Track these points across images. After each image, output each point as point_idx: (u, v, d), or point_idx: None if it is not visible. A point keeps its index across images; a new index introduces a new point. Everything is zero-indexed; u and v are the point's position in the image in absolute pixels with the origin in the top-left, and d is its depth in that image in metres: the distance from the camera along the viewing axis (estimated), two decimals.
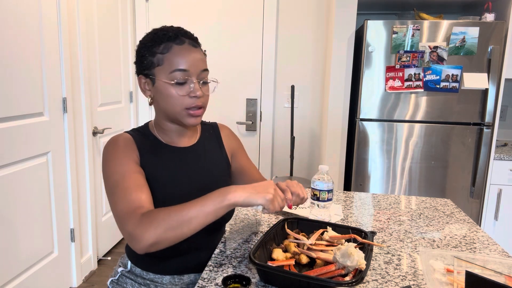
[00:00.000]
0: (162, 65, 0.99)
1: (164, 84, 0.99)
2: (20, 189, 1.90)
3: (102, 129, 2.58)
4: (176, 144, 1.11)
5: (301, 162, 3.11)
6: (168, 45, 0.99)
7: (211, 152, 1.17)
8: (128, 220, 0.88)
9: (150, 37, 1.02)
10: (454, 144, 2.46)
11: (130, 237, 0.87)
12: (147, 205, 0.92)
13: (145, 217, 0.87)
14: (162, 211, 0.88)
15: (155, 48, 1.00)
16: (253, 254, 0.93)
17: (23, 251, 1.94)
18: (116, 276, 1.16)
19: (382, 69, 2.42)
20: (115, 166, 0.97)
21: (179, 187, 1.06)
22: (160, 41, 1.00)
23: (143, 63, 1.03)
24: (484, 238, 1.23)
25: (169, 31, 1.01)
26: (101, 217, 2.71)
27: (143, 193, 0.94)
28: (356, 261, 0.89)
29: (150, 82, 1.03)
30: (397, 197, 1.63)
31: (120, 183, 0.94)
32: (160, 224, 0.85)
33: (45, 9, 2.02)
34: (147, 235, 0.85)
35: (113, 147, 1.02)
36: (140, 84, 1.06)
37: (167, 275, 1.11)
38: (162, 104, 1.03)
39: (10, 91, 1.81)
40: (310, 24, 2.94)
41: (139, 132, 1.09)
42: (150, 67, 1.01)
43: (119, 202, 0.92)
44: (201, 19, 3.00)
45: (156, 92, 1.02)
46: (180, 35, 1.01)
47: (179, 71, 0.98)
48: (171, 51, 0.99)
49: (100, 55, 2.59)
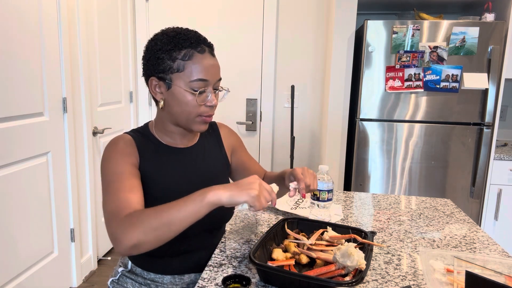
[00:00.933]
0: (182, 72, 0.97)
1: (182, 91, 0.98)
2: (20, 189, 1.90)
3: (102, 129, 2.58)
4: (176, 145, 1.11)
5: (301, 162, 3.11)
6: (190, 52, 0.98)
7: (210, 151, 1.18)
8: (112, 220, 0.88)
9: (168, 40, 0.99)
10: (454, 144, 2.46)
11: (112, 238, 0.86)
12: (134, 206, 0.90)
13: (128, 218, 0.86)
14: (144, 212, 0.86)
15: (175, 53, 0.97)
16: (253, 254, 0.93)
17: (23, 251, 1.94)
18: (116, 276, 1.16)
19: (382, 69, 2.42)
20: (111, 167, 0.97)
21: (178, 188, 1.06)
22: (181, 46, 0.98)
23: (159, 65, 0.99)
24: (484, 238, 1.23)
25: (190, 37, 0.99)
26: (101, 217, 2.71)
27: (134, 194, 0.93)
28: (356, 261, 0.89)
29: (164, 86, 1.00)
30: (397, 197, 1.63)
31: (112, 183, 0.94)
32: (140, 226, 0.83)
33: (45, 9, 2.02)
34: (128, 236, 0.83)
35: (112, 148, 1.02)
36: (151, 85, 1.02)
37: (168, 275, 1.11)
38: (175, 109, 1.01)
39: (10, 91, 1.81)
40: (310, 24, 2.94)
41: (139, 133, 1.09)
42: (167, 71, 0.99)
43: (108, 202, 0.92)
44: (201, 19, 3.00)
45: (171, 97, 1.00)
46: (201, 43, 1.00)
47: (200, 80, 0.98)
48: (193, 59, 0.97)
49: (100, 55, 2.59)
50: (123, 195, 0.92)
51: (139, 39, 3.10)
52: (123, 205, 0.90)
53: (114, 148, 1.02)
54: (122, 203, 0.90)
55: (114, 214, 0.88)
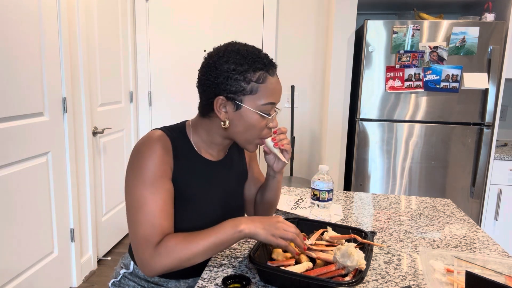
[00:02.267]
0: (255, 95, 0.96)
1: (251, 113, 0.96)
2: (20, 189, 1.90)
3: (102, 129, 2.58)
4: (210, 157, 1.08)
5: (301, 162, 3.11)
6: (264, 75, 0.96)
7: (237, 164, 1.17)
8: (144, 247, 0.90)
9: (243, 60, 0.95)
10: (454, 144, 2.46)
11: (143, 264, 0.91)
12: (166, 232, 0.93)
13: (162, 248, 0.89)
14: (176, 243, 0.90)
15: (250, 75, 0.95)
16: (253, 254, 0.93)
17: (23, 251, 1.94)
18: (117, 277, 1.15)
19: (382, 69, 2.42)
20: (147, 179, 0.93)
21: (204, 203, 1.05)
22: (255, 67, 0.95)
23: (232, 86, 0.95)
24: (484, 238, 1.23)
25: (263, 58, 0.97)
26: (101, 217, 2.71)
27: (167, 221, 0.94)
28: (356, 261, 0.89)
29: (232, 106, 0.96)
30: (397, 197, 1.63)
31: (147, 203, 0.92)
32: (176, 256, 0.89)
33: (45, 9, 2.02)
34: (159, 265, 0.89)
35: (148, 152, 0.95)
36: (216, 104, 0.96)
37: (173, 279, 1.10)
38: (238, 129, 0.99)
39: (10, 91, 1.81)
40: (310, 24, 2.94)
41: (175, 134, 1.03)
42: (239, 92, 0.95)
43: (141, 226, 0.91)
44: (201, 19, 3.00)
45: (237, 117, 0.97)
46: (272, 65, 0.99)
47: (271, 104, 0.98)
48: (267, 82, 0.96)
49: (100, 55, 2.59)
50: (158, 222, 0.92)
51: (139, 39, 3.10)
52: (157, 232, 0.91)
53: (150, 152, 0.95)
54: (156, 231, 0.91)
55: (147, 241, 0.91)
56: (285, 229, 0.92)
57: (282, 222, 0.94)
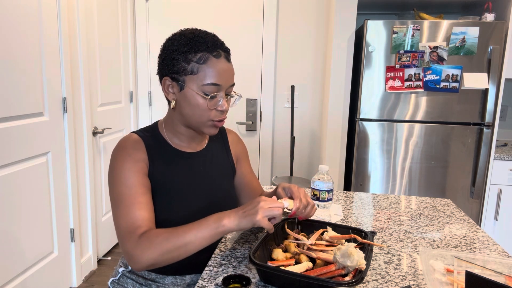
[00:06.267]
0: (196, 75, 0.98)
1: (194, 94, 0.99)
2: (20, 189, 1.90)
3: (102, 129, 2.58)
4: (185, 149, 1.11)
5: (301, 162, 3.11)
6: (206, 55, 0.98)
7: (218, 157, 1.18)
8: (127, 239, 0.92)
9: (185, 42, 0.98)
10: (454, 144, 2.46)
11: (128, 256, 0.91)
12: (147, 224, 0.95)
13: (144, 239, 0.90)
14: (160, 234, 0.90)
15: (191, 55, 0.97)
16: (253, 254, 0.93)
17: (23, 251, 1.94)
18: (117, 276, 1.16)
19: (382, 69, 2.42)
20: (122, 177, 0.97)
21: (186, 194, 1.06)
22: (197, 49, 0.97)
23: (174, 66, 0.99)
24: (484, 238, 1.23)
25: (207, 40, 0.99)
26: (101, 217, 2.71)
27: (146, 211, 0.96)
28: (356, 261, 0.89)
29: (177, 87, 1.01)
30: (397, 197, 1.63)
31: (125, 198, 0.95)
32: (157, 248, 0.89)
33: (45, 9, 2.02)
34: (145, 257, 0.89)
35: (121, 154, 1.00)
36: (164, 85, 1.03)
37: (169, 275, 1.11)
38: (186, 111, 1.02)
39: (10, 91, 1.81)
40: (310, 24, 2.94)
41: (148, 134, 1.08)
42: (181, 72, 0.99)
43: (121, 219, 0.94)
44: (201, 19, 3.00)
45: (182, 99, 1.01)
46: (218, 47, 1.00)
47: (212, 85, 0.98)
48: (208, 63, 0.98)
49: (100, 55, 2.59)
50: (137, 213, 0.94)
51: (139, 39, 3.10)
52: (137, 224, 0.93)
53: (123, 154, 1.00)
54: (137, 222, 0.93)
55: (129, 232, 0.92)
56: (269, 206, 0.91)
57: (264, 200, 0.92)
